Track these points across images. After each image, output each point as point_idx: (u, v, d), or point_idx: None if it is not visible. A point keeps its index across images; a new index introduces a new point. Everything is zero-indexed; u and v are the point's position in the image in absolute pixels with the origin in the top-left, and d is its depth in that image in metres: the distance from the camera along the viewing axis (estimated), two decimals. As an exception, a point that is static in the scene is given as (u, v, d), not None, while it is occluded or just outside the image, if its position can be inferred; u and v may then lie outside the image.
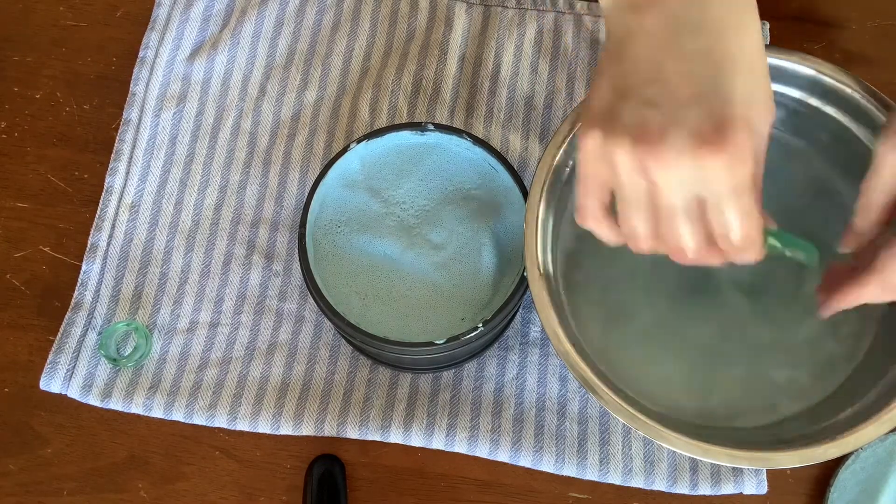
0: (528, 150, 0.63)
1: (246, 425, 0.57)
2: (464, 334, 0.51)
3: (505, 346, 0.59)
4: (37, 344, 0.60)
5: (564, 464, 0.56)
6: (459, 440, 0.57)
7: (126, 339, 0.59)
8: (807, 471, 0.57)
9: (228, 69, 0.65)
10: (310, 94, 0.65)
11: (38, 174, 0.64)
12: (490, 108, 0.64)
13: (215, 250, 0.61)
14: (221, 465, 0.57)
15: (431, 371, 0.58)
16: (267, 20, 0.67)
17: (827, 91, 0.54)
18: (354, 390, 0.58)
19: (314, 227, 0.55)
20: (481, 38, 0.66)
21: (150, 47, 0.65)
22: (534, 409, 0.57)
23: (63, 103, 0.66)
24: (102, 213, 0.61)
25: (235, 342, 0.59)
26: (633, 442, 0.57)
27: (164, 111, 0.64)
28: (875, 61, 0.66)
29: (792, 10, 0.68)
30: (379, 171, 0.56)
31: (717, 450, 0.47)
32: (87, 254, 0.60)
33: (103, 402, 0.57)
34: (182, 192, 0.62)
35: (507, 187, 0.55)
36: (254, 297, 0.60)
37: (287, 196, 0.62)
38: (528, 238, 0.50)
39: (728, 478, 0.56)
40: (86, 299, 0.59)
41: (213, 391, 0.58)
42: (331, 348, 0.59)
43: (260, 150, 0.64)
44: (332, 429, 0.57)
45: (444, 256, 0.54)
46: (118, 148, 0.63)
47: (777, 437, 0.51)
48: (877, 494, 0.55)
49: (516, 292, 0.52)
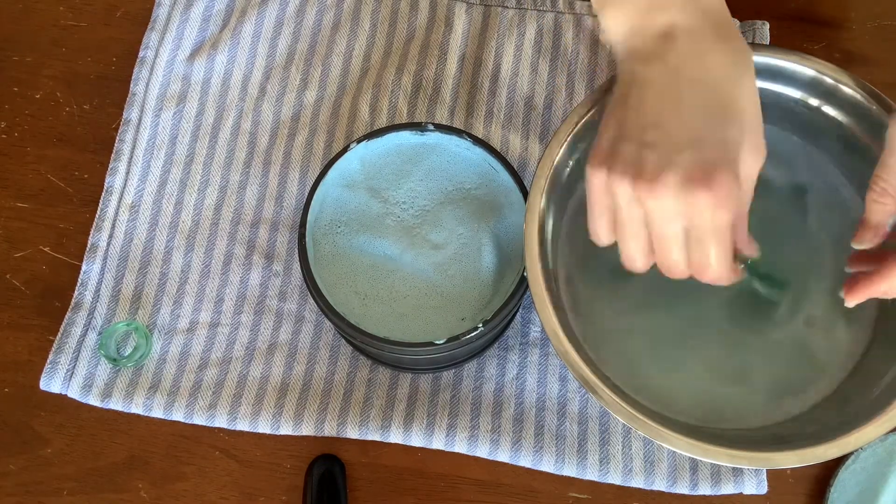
0: (528, 150, 0.63)
1: (246, 425, 0.57)
2: (464, 334, 0.51)
3: (505, 346, 0.59)
4: (37, 344, 0.60)
5: (564, 464, 0.56)
6: (459, 440, 0.57)
7: (126, 339, 0.59)
8: (807, 471, 0.57)
9: (228, 69, 0.65)
10: (310, 94, 0.65)
11: (38, 174, 0.64)
12: (490, 108, 0.64)
13: (215, 250, 0.61)
14: (221, 465, 0.57)
15: (431, 371, 0.58)
16: (267, 20, 0.67)
17: (827, 91, 0.54)
18: (354, 390, 0.58)
19: (314, 227, 0.55)
20: (481, 38, 0.66)
21: (150, 47, 0.65)
22: (534, 409, 0.57)
23: (63, 103, 0.66)
24: (102, 213, 0.61)
25: (235, 342, 0.59)
26: (633, 442, 0.57)
27: (164, 111, 0.64)
28: (875, 61, 0.66)
29: (792, 10, 0.68)
30: (379, 171, 0.56)
31: (717, 450, 0.47)
32: (87, 254, 0.60)
33: (103, 402, 0.57)
34: (182, 192, 0.62)
35: (507, 187, 0.55)
36: (254, 297, 0.60)
37: (287, 196, 0.62)
38: (528, 238, 0.50)
39: (728, 478, 0.56)
40: (86, 299, 0.59)
41: (213, 391, 0.58)
42: (331, 348, 0.59)
43: (260, 150, 0.64)
44: (332, 429, 0.57)
45: (444, 256, 0.54)
46: (118, 148, 0.63)
47: (777, 437, 0.51)
48: (877, 494, 0.55)
49: (516, 292, 0.52)
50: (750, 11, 0.67)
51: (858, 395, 0.51)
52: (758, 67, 0.54)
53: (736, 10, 0.66)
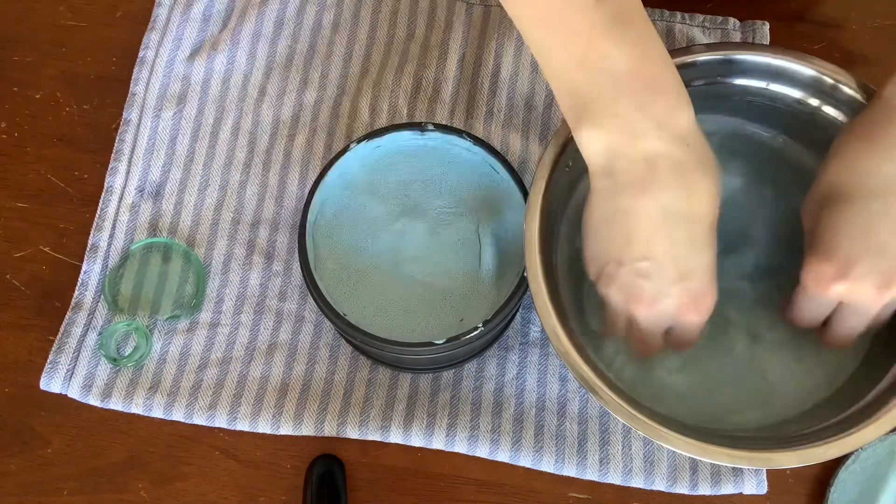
0: (528, 150, 0.63)
1: (246, 425, 0.57)
2: (464, 334, 0.51)
3: (505, 346, 0.59)
4: (37, 344, 0.60)
5: (564, 464, 0.56)
6: (459, 440, 0.57)
7: (126, 339, 0.59)
8: (807, 471, 0.57)
9: (228, 69, 0.65)
10: (310, 95, 0.65)
11: (38, 174, 0.64)
12: (490, 108, 0.64)
13: (215, 250, 0.61)
14: (221, 465, 0.57)
15: (431, 371, 0.58)
16: (267, 20, 0.67)
17: (827, 91, 0.54)
18: (354, 390, 0.58)
19: (314, 227, 0.55)
20: (481, 38, 0.66)
21: (150, 47, 0.65)
22: (534, 409, 0.57)
23: (63, 103, 0.66)
24: (102, 213, 0.62)
25: (235, 342, 0.59)
26: (633, 442, 0.57)
27: (164, 111, 0.64)
28: (875, 61, 0.66)
29: (792, 10, 0.68)
30: (379, 171, 0.56)
31: (716, 450, 0.47)
32: (87, 254, 0.60)
33: (103, 402, 0.57)
34: (182, 192, 0.62)
35: (507, 187, 0.55)
36: (254, 297, 0.60)
37: (287, 196, 0.62)
38: (528, 238, 0.50)
39: (728, 478, 0.56)
40: (86, 299, 0.59)
41: (213, 391, 0.58)
42: (331, 348, 0.59)
43: (260, 151, 0.64)
44: (332, 429, 0.57)
45: (444, 256, 0.54)
46: (118, 148, 0.63)
47: (777, 437, 0.51)
48: (877, 494, 0.55)
49: (516, 292, 0.52)
50: (750, 11, 0.67)
51: (859, 395, 0.51)
52: (758, 67, 0.54)
53: (736, 10, 0.67)
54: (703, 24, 0.66)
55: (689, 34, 0.66)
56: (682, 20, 0.67)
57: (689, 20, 0.67)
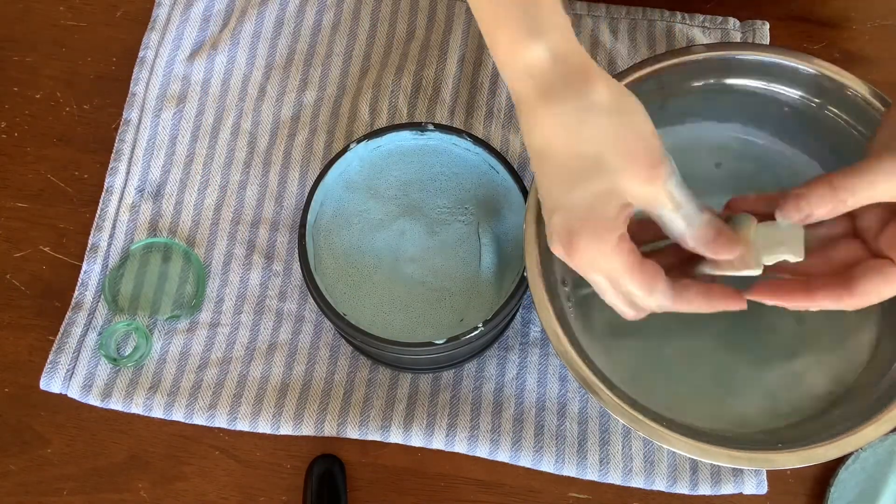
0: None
1: (246, 425, 0.57)
2: (464, 334, 0.51)
3: (505, 346, 0.59)
4: (37, 344, 0.60)
5: (564, 464, 0.56)
6: (459, 440, 0.57)
7: (126, 339, 0.59)
8: (807, 471, 0.57)
9: (228, 69, 0.65)
10: (310, 95, 0.65)
11: (38, 174, 0.64)
12: (490, 108, 0.64)
13: (215, 250, 0.61)
14: (221, 465, 0.57)
15: (431, 371, 0.58)
16: (267, 20, 0.67)
17: (827, 91, 0.54)
18: (354, 390, 0.58)
19: (314, 227, 0.55)
20: (481, 38, 0.66)
21: (150, 47, 0.65)
22: (534, 409, 0.57)
23: (63, 103, 0.66)
24: (102, 213, 0.62)
25: (235, 342, 0.59)
26: (633, 442, 0.57)
27: (164, 111, 0.64)
28: (875, 61, 0.66)
29: (792, 10, 0.68)
30: (379, 171, 0.56)
31: (716, 450, 0.47)
32: (87, 254, 0.60)
33: (103, 402, 0.57)
34: (182, 192, 0.62)
35: (507, 187, 0.55)
36: (254, 297, 0.60)
37: (287, 196, 0.62)
38: (528, 238, 0.50)
39: (728, 478, 0.56)
40: (86, 299, 0.59)
41: (213, 391, 0.58)
42: (331, 348, 0.59)
43: (260, 150, 0.64)
44: (332, 429, 0.57)
45: (443, 256, 0.54)
46: (118, 148, 0.63)
47: (777, 438, 0.51)
48: (877, 494, 0.55)
49: (516, 292, 0.52)
50: (750, 11, 0.67)
51: (859, 395, 0.51)
52: (758, 67, 0.54)
53: (736, 10, 0.67)
54: (703, 24, 0.66)
55: (689, 34, 0.66)
56: (682, 20, 0.67)
57: (689, 20, 0.67)
